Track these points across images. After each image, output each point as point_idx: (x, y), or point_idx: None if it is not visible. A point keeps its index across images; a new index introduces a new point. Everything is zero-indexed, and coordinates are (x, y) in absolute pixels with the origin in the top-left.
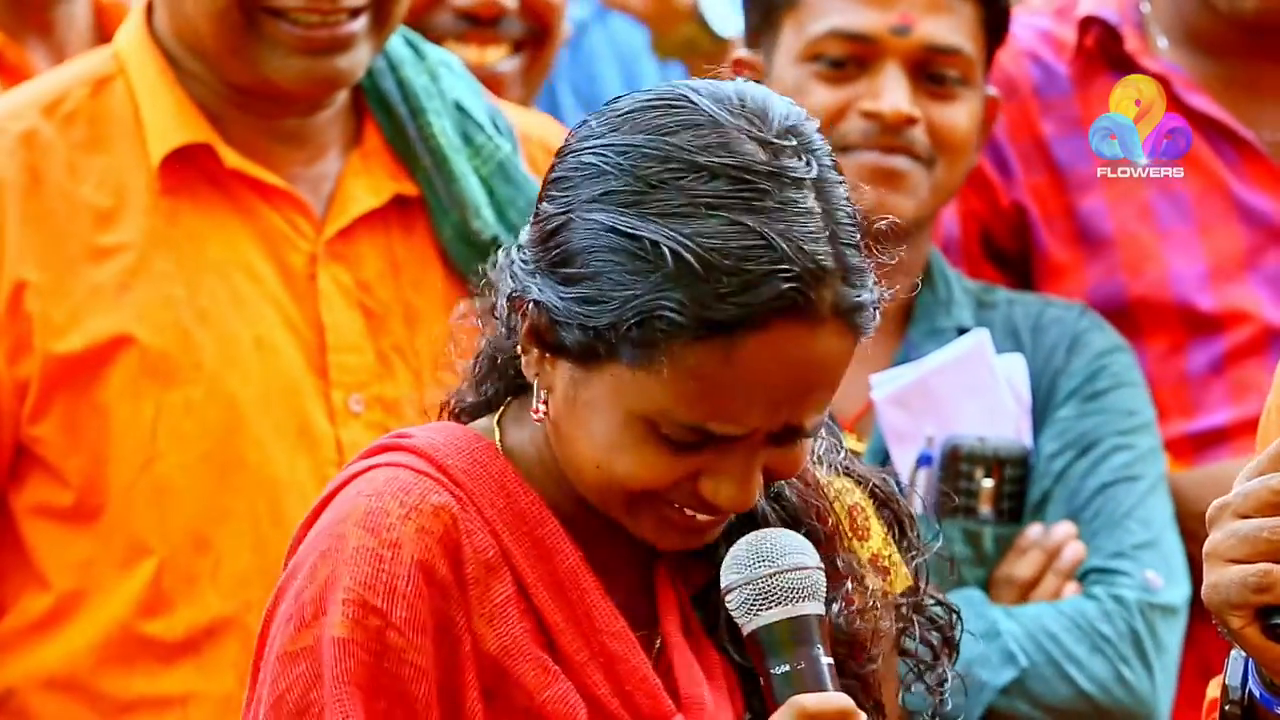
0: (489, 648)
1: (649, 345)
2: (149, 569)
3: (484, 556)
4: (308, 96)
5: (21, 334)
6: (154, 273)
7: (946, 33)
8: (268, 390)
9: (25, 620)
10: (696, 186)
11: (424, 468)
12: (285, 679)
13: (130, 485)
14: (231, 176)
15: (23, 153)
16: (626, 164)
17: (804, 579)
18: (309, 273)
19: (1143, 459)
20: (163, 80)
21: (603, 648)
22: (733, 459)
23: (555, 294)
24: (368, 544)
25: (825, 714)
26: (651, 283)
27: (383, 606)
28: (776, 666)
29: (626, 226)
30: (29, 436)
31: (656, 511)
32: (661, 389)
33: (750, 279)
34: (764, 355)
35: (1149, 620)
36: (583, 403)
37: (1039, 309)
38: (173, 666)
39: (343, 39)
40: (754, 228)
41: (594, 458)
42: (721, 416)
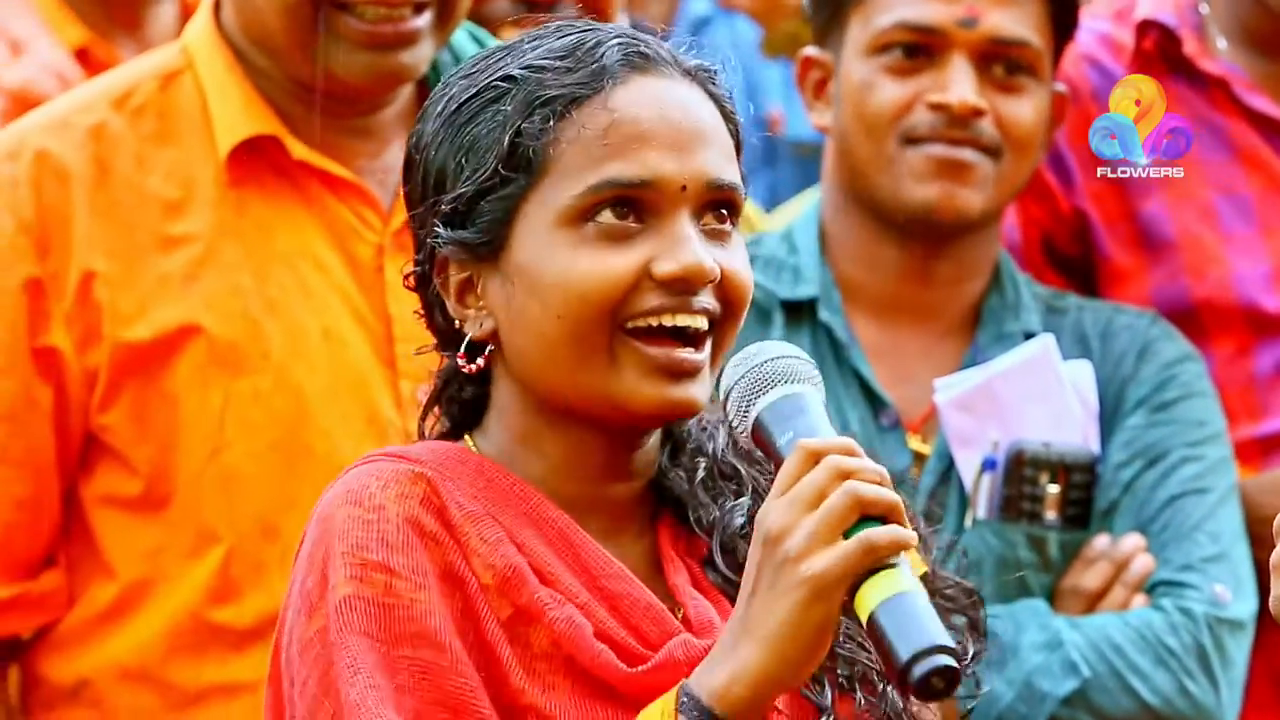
0: (492, 584)
1: (538, 143)
2: (217, 557)
3: (468, 509)
4: (372, 92)
5: (91, 323)
6: (222, 263)
7: (1013, 25)
8: (335, 380)
9: (95, 610)
10: (520, 43)
11: (400, 466)
12: (305, 666)
13: (198, 474)
14: (298, 168)
15: (92, 145)
16: (458, 76)
17: (795, 365)
18: (376, 264)
19: (1212, 470)
20: (230, 74)
21: (603, 590)
22: (668, 232)
23: (450, 199)
24: (353, 514)
25: (831, 446)
26: (513, 100)
27: (382, 560)
28: (781, 437)
29: (472, 92)
30: (98, 425)
31: (635, 356)
32: (566, 177)
33: (589, 48)
34: (637, 97)
35: (1216, 634)
36: (518, 276)
37: (1109, 316)
38: (243, 654)
39: (407, 34)
40: (578, 28)
41: (551, 307)
42: (623, 162)
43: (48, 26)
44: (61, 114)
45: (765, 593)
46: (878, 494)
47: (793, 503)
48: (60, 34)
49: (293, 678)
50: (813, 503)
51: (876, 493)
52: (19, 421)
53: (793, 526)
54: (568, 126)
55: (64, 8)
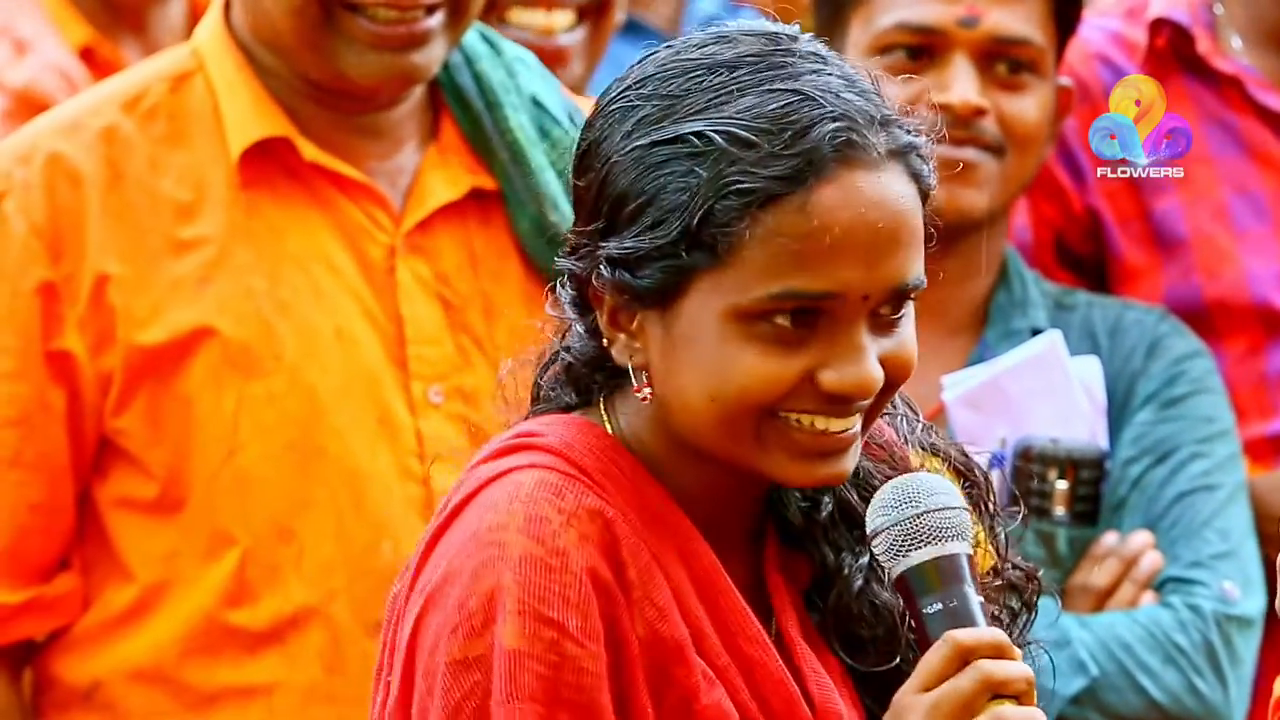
0: (652, 648)
1: (725, 231)
2: (233, 559)
3: (640, 560)
4: (384, 92)
5: (104, 327)
6: (234, 265)
7: (1014, 23)
8: (348, 381)
9: (110, 613)
10: (718, 81)
11: (565, 469)
12: (460, 688)
13: (213, 476)
14: (310, 170)
15: (103, 148)
16: (647, 91)
17: (951, 518)
18: (388, 265)
19: (1221, 467)
20: (241, 76)
21: (740, 652)
22: (842, 341)
23: (621, 241)
24: (534, 552)
25: (981, 647)
26: (709, 170)
27: (557, 618)
28: (928, 605)
29: (667, 135)
30: (112, 429)
31: (785, 438)
32: (748, 272)
33: (800, 128)
34: (838, 201)
35: (1225, 632)
36: (680, 340)
37: (1118, 312)
38: (257, 656)
39: (419, 35)
40: (787, 89)
41: (707, 389)
42: (812, 274)
43: (53, 26)
44: (72, 117)
45: None
46: (1024, 717)
47: (936, 709)
48: (66, 33)
49: (433, 687)
50: (957, 715)
51: (1023, 716)
52: (33, 425)
53: None
54: (760, 223)
55: (69, 7)
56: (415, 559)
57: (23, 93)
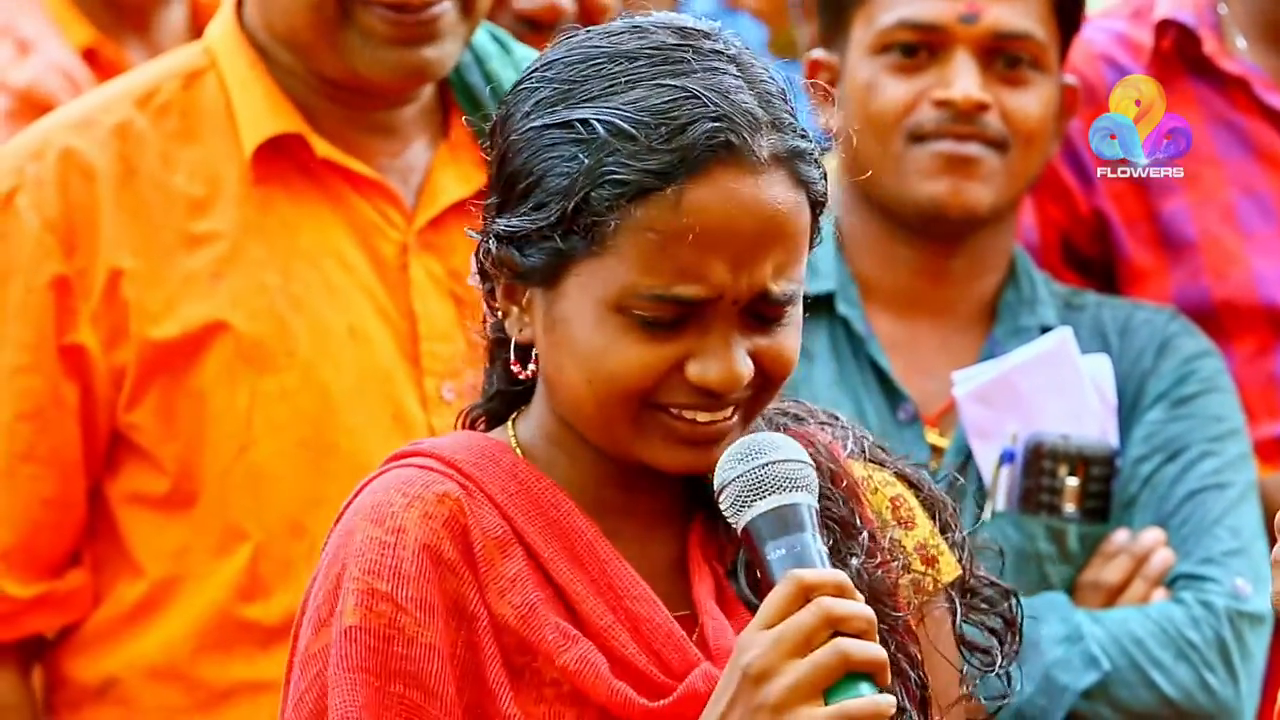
0: (505, 618)
1: (600, 221)
2: (245, 554)
3: (492, 535)
4: (398, 89)
5: (118, 321)
6: (247, 260)
7: (1015, 18)
8: (361, 378)
9: (121, 608)
10: (616, 69)
11: (431, 464)
12: (304, 680)
13: (226, 471)
14: (322, 166)
15: (116, 143)
16: (550, 73)
17: (795, 470)
18: (400, 262)
19: (1231, 465)
20: (254, 72)
21: (627, 611)
22: (711, 336)
23: (509, 219)
24: (373, 534)
25: (822, 585)
26: (588, 157)
27: (389, 590)
28: (772, 552)
29: (558, 119)
30: (125, 423)
31: (661, 426)
32: (622, 266)
33: (679, 124)
34: (710, 202)
35: (1237, 628)
36: (559, 321)
37: (1128, 312)
38: (270, 651)
39: (432, 30)
40: (675, 85)
41: (583, 373)
42: (684, 275)
43: (55, 26)
44: (85, 112)
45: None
46: (865, 653)
47: (778, 643)
48: (68, 34)
49: (292, 683)
50: (798, 649)
51: (864, 651)
52: (46, 420)
53: (774, 670)
54: (632, 216)
55: (71, 8)
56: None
57: (26, 93)
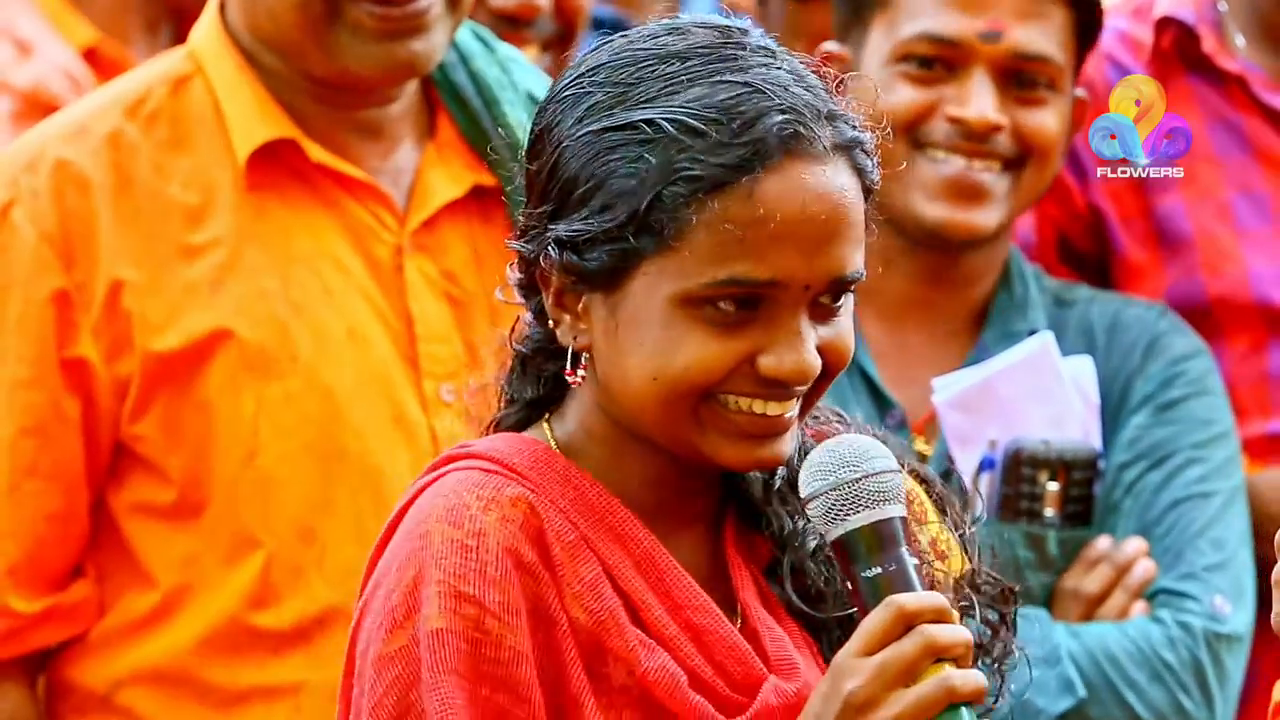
0: (584, 624)
1: (672, 217)
2: (257, 562)
3: (566, 539)
4: (385, 83)
5: (120, 333)
6: (246, 267)
7: (1036, 40)
8: (362, 381)
9: (129, 618)
10: (670, 70)
11: (492, 468)
12: (383, 683)
13: (234, 479)
14: (315, 170)
15: (109, 153)
16: (599, 79)
17: (887, 481)
18: (395, 264)
19: (1218, 472)
20: (242, 77)
21: (688, 622)
22: (782, 328)
23: (569, 224)
24: (453, 536)
25: (925, 612)
26: (658, 156)
27: (476, 594)
28: (865, 570)
29: (618, 122)
30: (129, 435)
31: (724, 420)
32: (694, 258)
33: (748, 119)
34: (784, 191)
35: (1214, 650)
36: (625, 322)
37: (1117, 308)
38: (283, 657)
39: (420, 23)
40: (736, 80)
41: (649, 369)
42: (756, 262)
43: (53, 27)
44: (77, 122)
45: None
46: (969, 683)
47: (881, 672)
48: (68, 34)
49: (364, 688)
50: (901, 679)
51: (968, 682)
52: (49, 434)
53: (878, 701)
54: (707, 209)
55: (71, 8)
56: (365, 573)
57: (30, 94)
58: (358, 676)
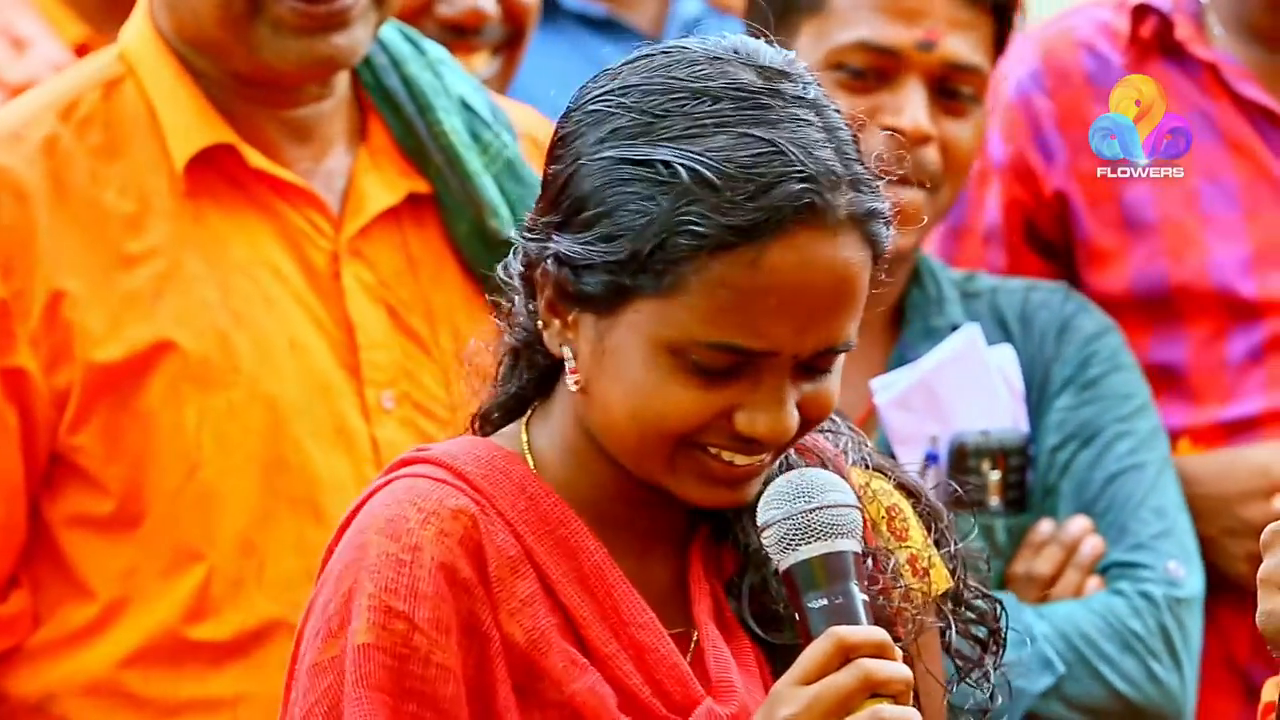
0: (517, 641)
1: (672, 266)
2: (198, 574)
3: (506, 554)
4: (308, 79)
5: (59, 343)
6: (186, 277)
7: (967, 50)
8: (304, 391)
9: (65, 630)
10: (700, 109)
11: (442, 475)
12: (315, 692)
13: (176, 491)
14: (250, 176)
15: (44, 160)
16: (629, 101)
17: (842, 516)
18: (332, 271)
19: (1145, 444)
20: (178, 80)
21: (631, 639)
22: (764, 388)
23: (573, 242)
24: (389, 549)
25: (865, 645)
26: (668, 202)
27: (406, 609)
28: (813, 601)
29: (637, 155)
30: (67, 446)
31: (696, 464)
32: (688, 312)
33: (765, 182)
34: (789, 262)
35: (1176, 615)
36: (610, 350)
37: (1023, 295)
38: (221, 669)
39: (340, 15)
40: (762, 137)
41: (627, 406)
42: (750, 331)
43: (47, 23)
44: (10, 127)
45: None
46: (901, 718)
47: (814, 703)
48: (60, 31)
49: (297, 695)
50: (835, 711)
51: (900, 717)
52: None
53: None
54: (708, 267)
55: (64, 5)
56: (318, 574)
57: (23, 90)
58: (294, 682)
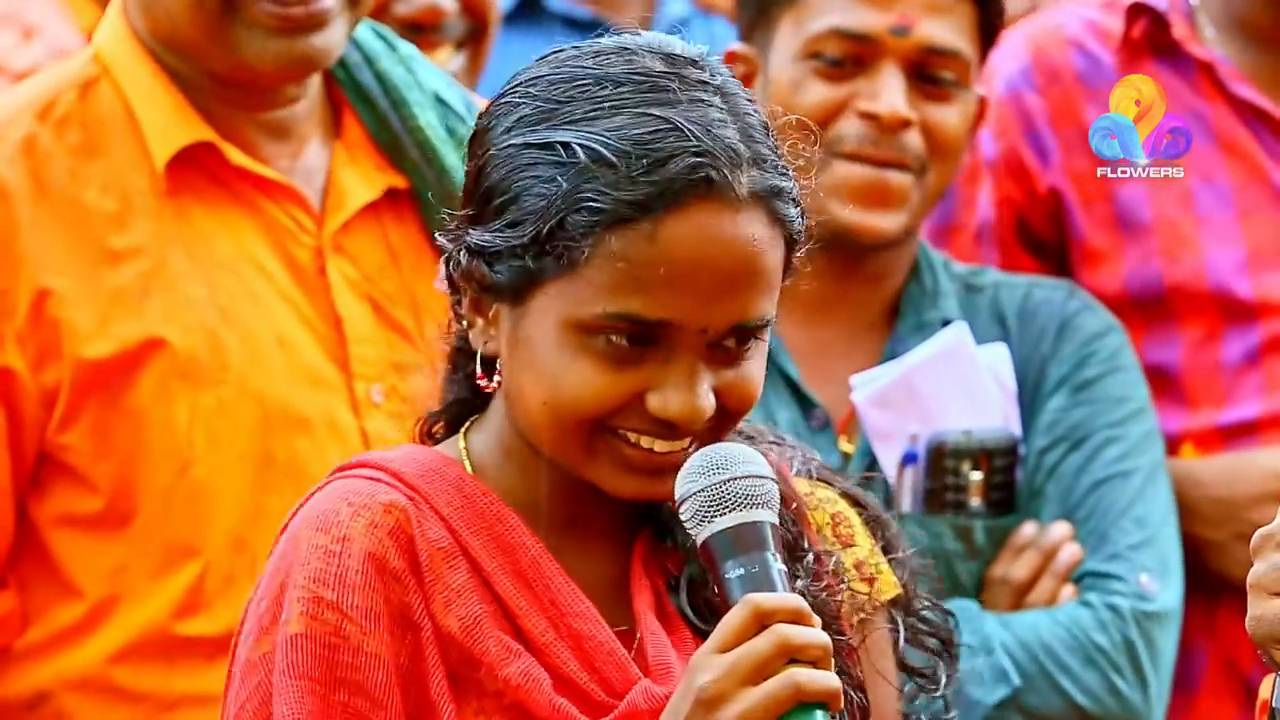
0: (450, 630)
1: (573, 244)
2: (192, 571)
3: (438, 546)
4: (285, 79)
5: (47, 341)
6: (172, 274)
7: (945, 34)
8: (294, 386)
9: (55, 629)
10: (601, 94)
11: (377, 475)
12: (246, 688)
13: (168, 489)
14: (231, 173)
15: (24, 160)
16: (535, 90)
17: (757, 486)
18: (317, 266)
19: (1136, 449)
20: (155, 80)
21: (569, 629)
22: (675, 369)
23: (483, 232)
24: (319, 542)
25: (780, 611)
26: (567, 181)
27: (335, 599)
28: (730, 570)
29: (539, 139)
30: (55, 444)
31: (613, 451)
32: (590, 288)
33: (660, 157)
34: (686, 235)
35: (1144, 629)
36: (523, 340)
37: (1026, 291)
38: (215, 664)
39: (317, 16)
40: (660, 115)
41: (540, 392)
42: (648, 301)
43: (64, 8)
44: None
45: None
46: (819, 683)
47: (732, 669)
48: (78, 15)
49: (232, 693)
50: (752, 676)
51: (818, 681)
52: None
53: (726, 696)
54: (606, 242)
55: None
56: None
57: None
58: (230, 681)
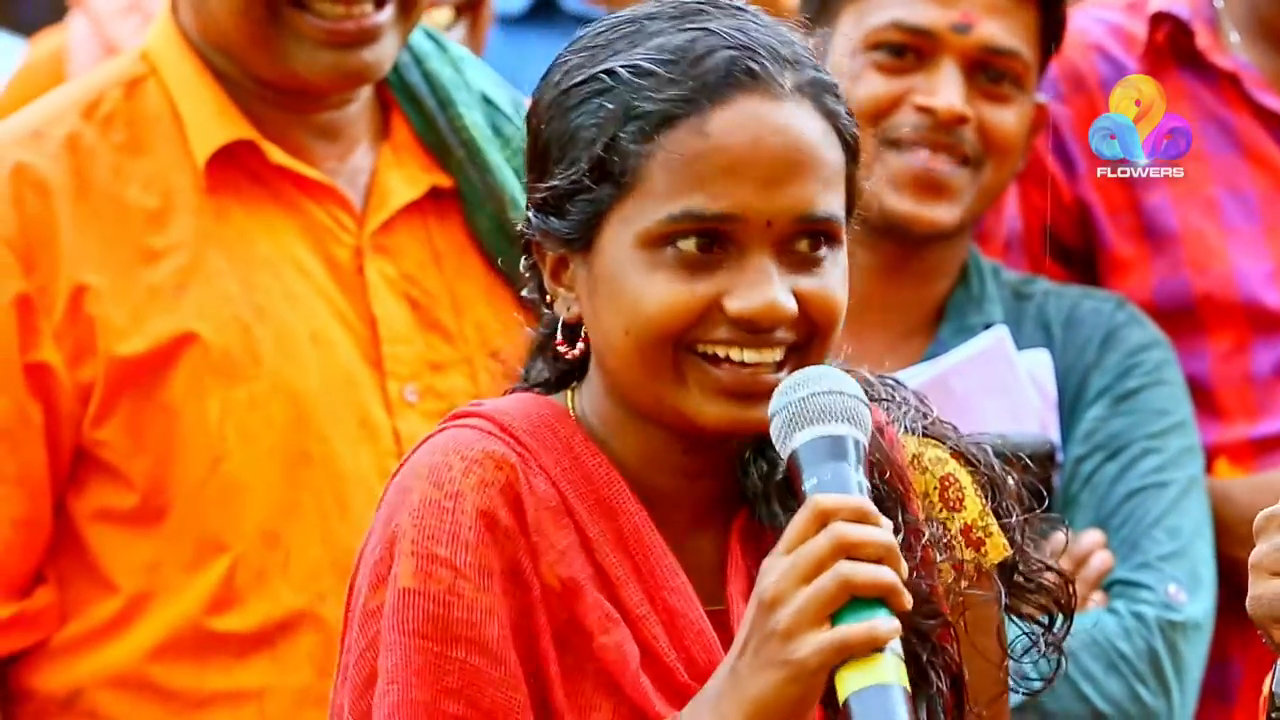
0: (557, 590)
1: (629, 161)
2: (222, 567)
3: (546, 505)
4: (336, 90)
5: (83, 337)
6: (209, 271)
7: (1005, 35)
8: (326, 384)
9: (91, 624)
10: (636, 27)
11: (488, 428)
12: (365, 638)
13: (200, 484)
14: (273, 172)
15: (68, 157)
16: (576, 46)
17: (838, 401)
18: (355, 266)
19: (1174, 462)
20: (200, 79)
21: (663, 602)
22: (748, 269)
23: (543, 191)
24: (432, 496)
25: (842, 510)
26: (615, 102)
27: (448, 555)
28: (808, 481)
29: (584, 77)
30: (91, 440)
31: (702, 374)
32: (651, 198)
33: (698, 56)
34: (736, 124)
35: (1169, 638)
36: (599, 280)
37: (1075, 301)
38: (247, 661)
39: (369, 31)
40: (695, 26)
41: (622, 323)
42: (708, 194)
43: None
44: (33, 125)
45: (751, 658)
46: (868, 576)
47: (791, 569)
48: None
49: (351, 640)
50: (808, 575)
51: (867, 575)
52: (14, 439)
53: (784, 596)
54: (660, 146)
55: None
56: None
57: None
58: (348, 626)
